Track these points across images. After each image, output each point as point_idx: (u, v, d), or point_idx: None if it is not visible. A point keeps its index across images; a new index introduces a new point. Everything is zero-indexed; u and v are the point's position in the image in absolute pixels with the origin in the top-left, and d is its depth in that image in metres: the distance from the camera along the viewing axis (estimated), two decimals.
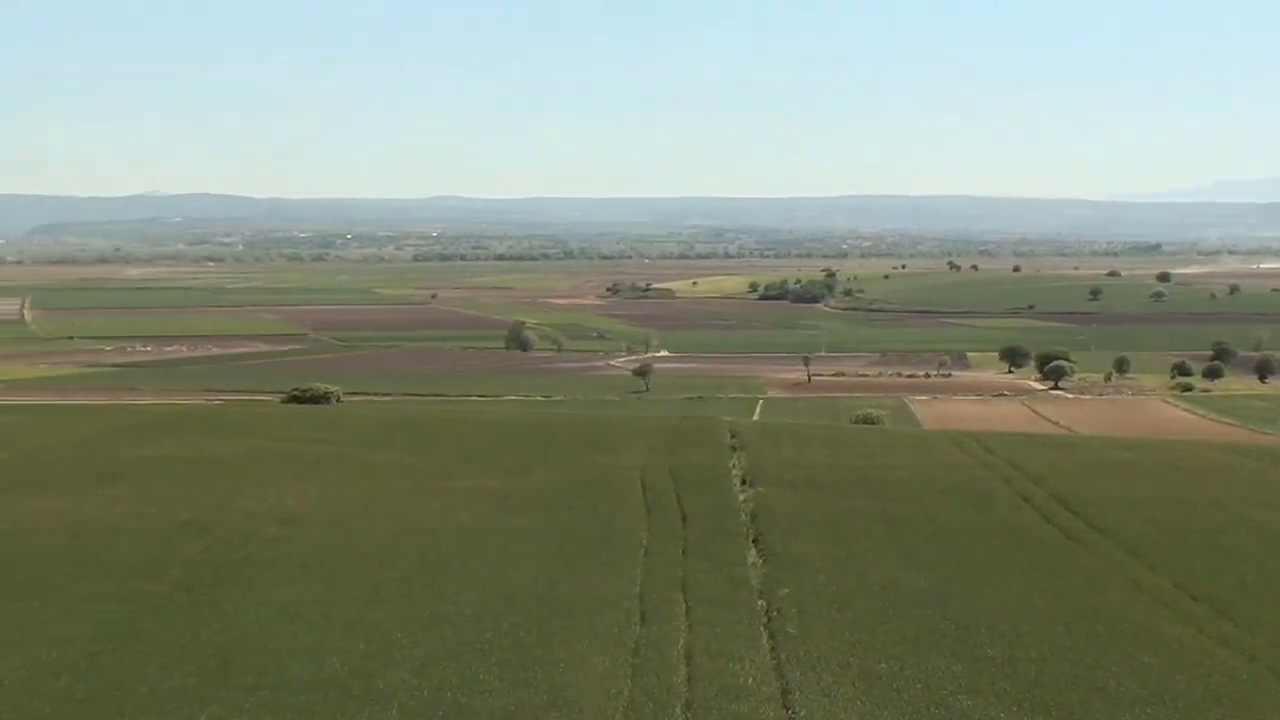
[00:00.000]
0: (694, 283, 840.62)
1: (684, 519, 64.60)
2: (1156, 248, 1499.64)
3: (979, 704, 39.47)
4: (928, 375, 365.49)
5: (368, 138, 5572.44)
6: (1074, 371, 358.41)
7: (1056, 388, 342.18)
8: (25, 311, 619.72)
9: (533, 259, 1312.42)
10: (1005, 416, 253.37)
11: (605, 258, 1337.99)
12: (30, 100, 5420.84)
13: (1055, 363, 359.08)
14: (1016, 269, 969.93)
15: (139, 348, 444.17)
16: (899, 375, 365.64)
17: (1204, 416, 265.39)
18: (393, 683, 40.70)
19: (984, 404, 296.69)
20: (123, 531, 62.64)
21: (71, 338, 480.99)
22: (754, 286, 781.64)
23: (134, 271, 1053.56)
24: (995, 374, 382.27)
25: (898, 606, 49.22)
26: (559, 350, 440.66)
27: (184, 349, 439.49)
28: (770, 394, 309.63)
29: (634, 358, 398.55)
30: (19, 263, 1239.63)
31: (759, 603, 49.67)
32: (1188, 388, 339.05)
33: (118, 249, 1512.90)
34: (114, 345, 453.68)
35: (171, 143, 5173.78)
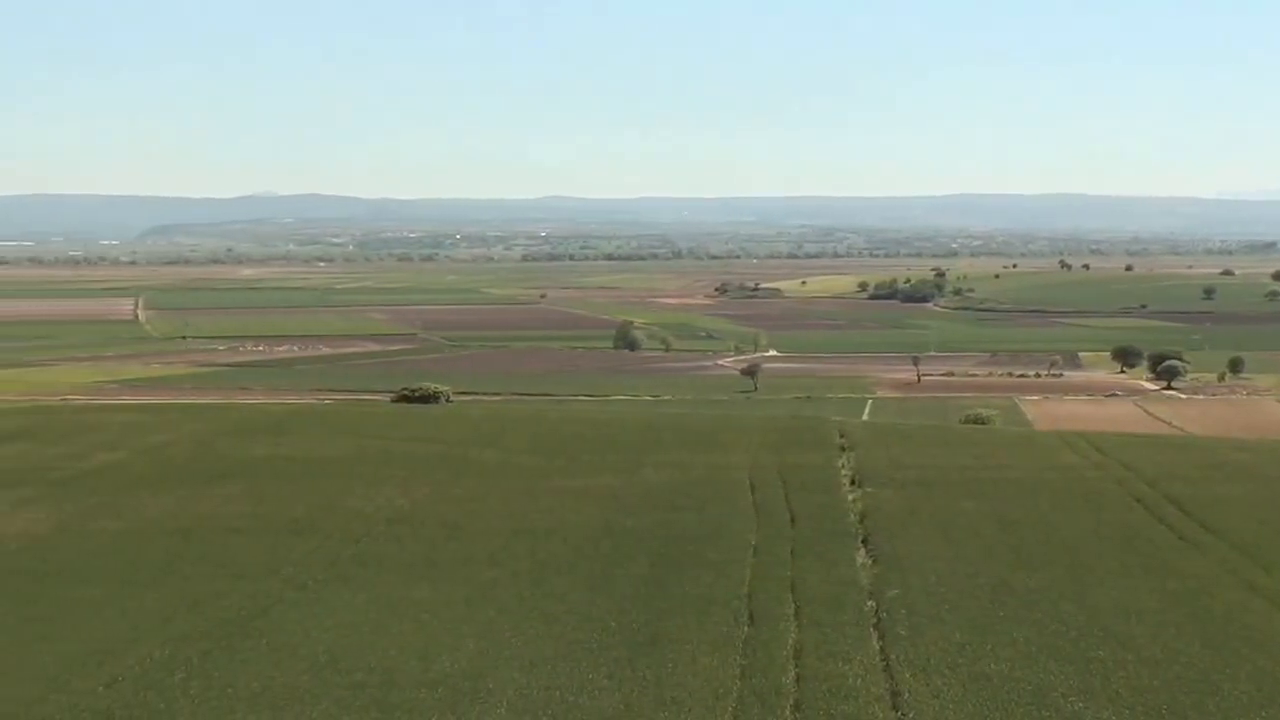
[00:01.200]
0: (803, 282, 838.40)
1: (793, 519, 64.47)
2: (1271, 246, 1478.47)
3: (1091, 707, 39.14)
4: (1038, 375, 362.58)
5: (478, 139, 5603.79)
6: (1187, 371, 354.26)
7: (1169, 388, 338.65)
8: (139, 312, 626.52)
9: (641, 259, 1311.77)
10: (1117, 417, 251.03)
11: (714, 257, 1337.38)
12: (143, 103, 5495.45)
13: (1168, 363, 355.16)
14: (1129, 268, 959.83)
15: (250, 347, 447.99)
16: (1009, 375, 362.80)
17: None
18: (502, 681, 40.90)
19: (1096, 404, 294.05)
20: (236, 530, 63.33)
21: (184, 337, 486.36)
22: (863, 286, 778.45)
23: (246, 272, 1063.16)
24: (1107, 374, 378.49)
25: (1008, 608, 48.91)
26: (667, 350, 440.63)
27: (295, 349, 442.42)
28: (879, 394, 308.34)
29: (742, 357, 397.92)
30: (133, 263, 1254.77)
31: (868, 603, 49.51)
32: None
33: (229, 249, 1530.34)
34: (226, 345, 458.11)
35: (283, 144, 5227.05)
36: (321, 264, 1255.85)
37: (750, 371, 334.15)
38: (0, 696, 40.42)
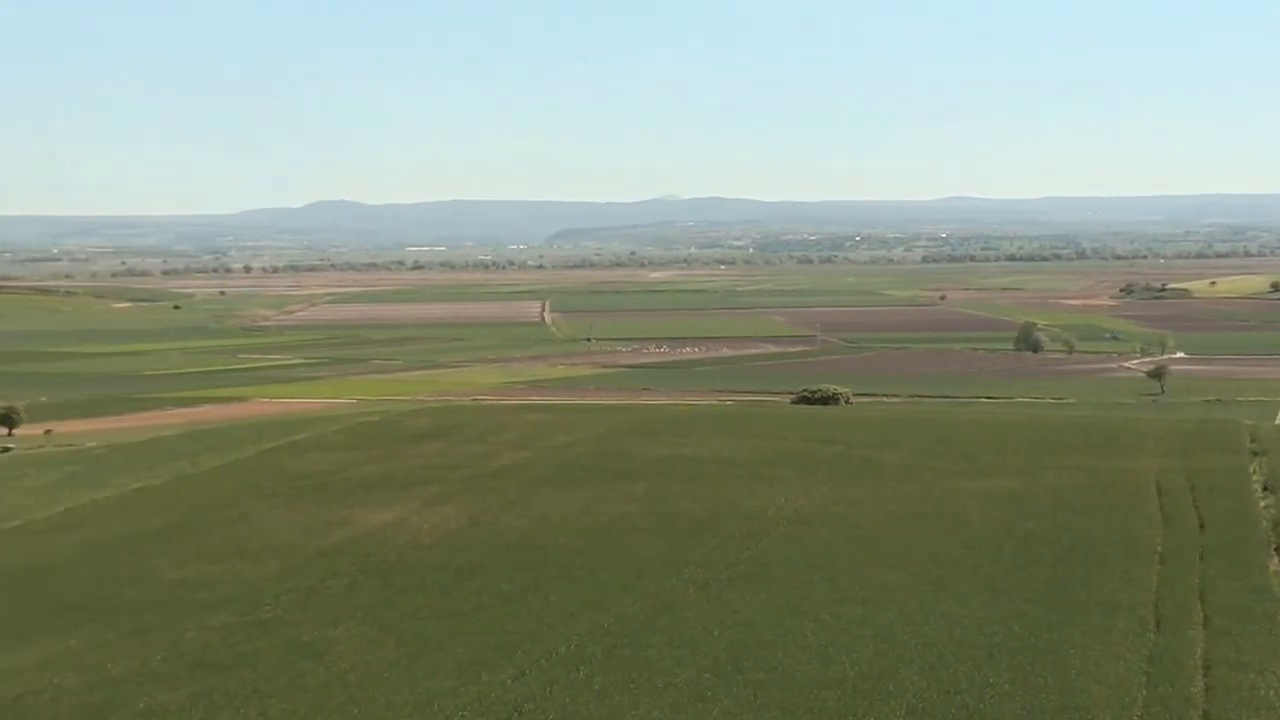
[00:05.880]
0: (1212, 282, 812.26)
1: (1201, 525, 62.78)
2: None
3: None
4: None
5: (881, 142, 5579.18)
6: None
7: None
8: (545, 314, 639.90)
9: (1043, 259, 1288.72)
10: None
11: (1118, 257, 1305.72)
12: (548, 113, 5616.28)
13: None
14: None
15: (653, 349, 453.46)
16: None
17: None
18: (902, 683, 40.77)
19: None
20: (638, 529, 64.48)
21: (589, 339, 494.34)
22: (1276, 286, 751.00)
23: (653, 275, 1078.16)
24: None
25: None
26: (1070, 352, 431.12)
27: (697, 350, 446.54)
28: None
29: (1148, 359, 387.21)
30: (539, 267, 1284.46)
31: None
32: None
33: (632, 253, 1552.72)
34: (629, 346, 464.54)
35: (685, 149, 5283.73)
36: (722, 266, 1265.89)
37: (1157, 374, 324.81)
38: (416, 687, 41.95)
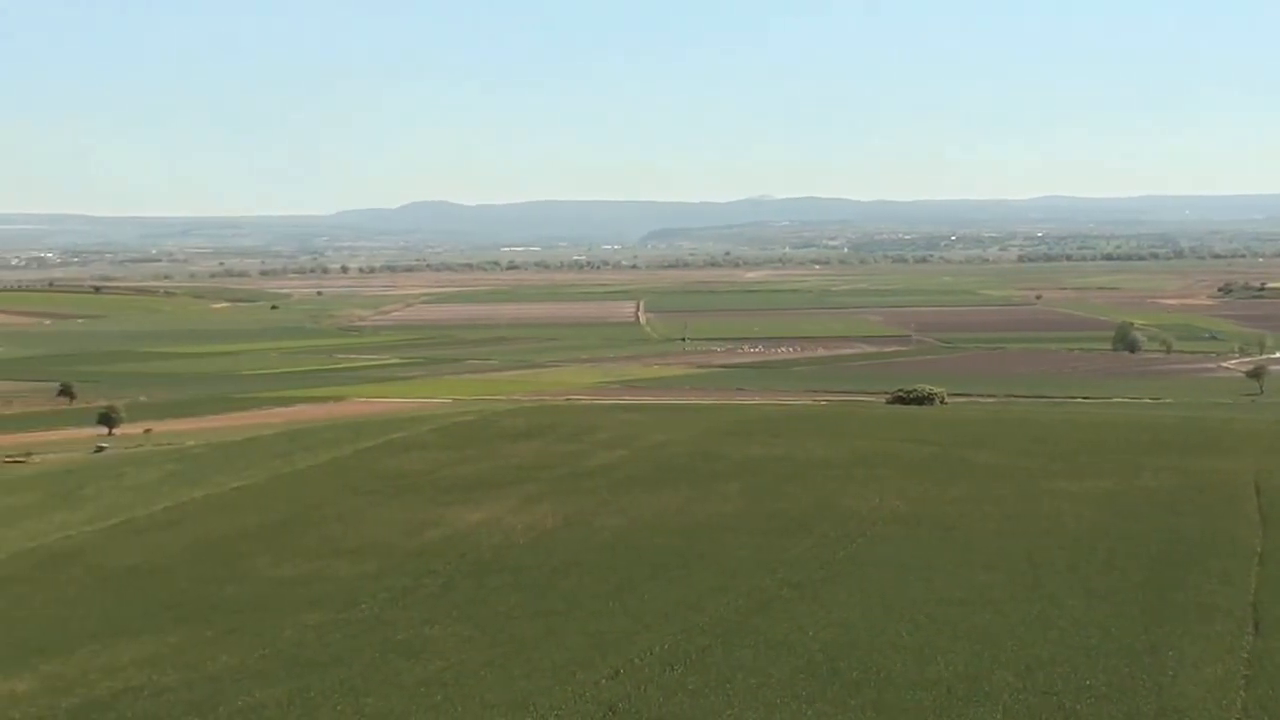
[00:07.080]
0: None
1: None
2: None
3: None
4: None
5: (976, 141, 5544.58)
6: None
7: None
8: (640, 314, 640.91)
9: (1140, 259, 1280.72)
10: None
11: (1217, 256, 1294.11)
12: (643, 114, 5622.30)
13: None
14: None
15: (748, 349, 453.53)
16: None
17: None
18: (997, 685, 40.58)
19: None
20: (733, 529, 64.45)
21: (683, 339, 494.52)
22: None
23: (749, 275, 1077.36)
24: None
25: None
26: (1168, 351, 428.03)
27: (792, 350, 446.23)
28: None
29: (1247, 359, 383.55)
30: (633, 267, 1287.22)
31: None
32: None
33: (727, 253, 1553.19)
34: (723, 347, 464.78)
35: (780, 149, 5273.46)
36: (817, 266, 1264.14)
37: (1256, 373, 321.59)
38: (511, 686, 42.13)
